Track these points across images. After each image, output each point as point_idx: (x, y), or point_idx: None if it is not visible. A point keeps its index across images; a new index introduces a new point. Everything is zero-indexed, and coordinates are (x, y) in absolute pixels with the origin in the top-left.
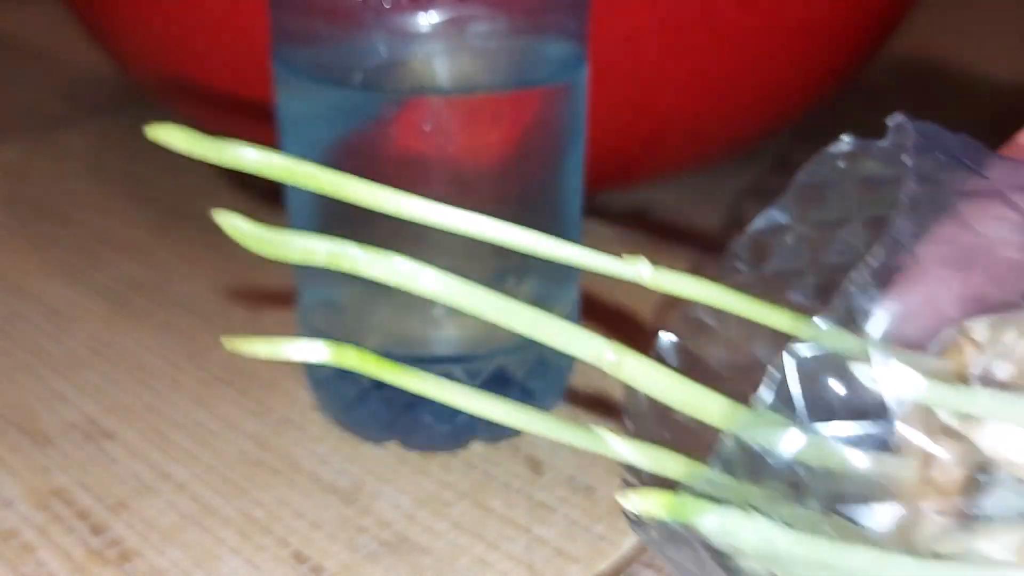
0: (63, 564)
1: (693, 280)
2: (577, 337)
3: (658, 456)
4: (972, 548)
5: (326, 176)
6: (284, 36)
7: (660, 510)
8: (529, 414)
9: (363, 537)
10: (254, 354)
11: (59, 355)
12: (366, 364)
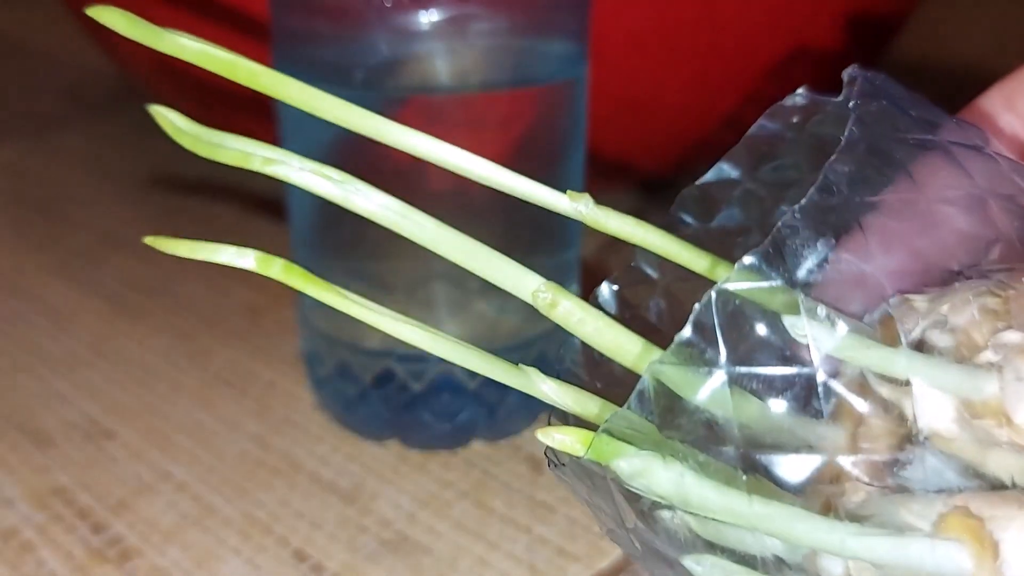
0: (64, 563)
1: (634, 222)
2: (512, 272)
3: (581, 397)
4: (889, 515)
5: (267, 76)
6: (285, 34)
7: (578, 448)
8: (455, 345)
9: (364, 537)
10: (177, 253)
11: (59, 355)
12: (291, 276)
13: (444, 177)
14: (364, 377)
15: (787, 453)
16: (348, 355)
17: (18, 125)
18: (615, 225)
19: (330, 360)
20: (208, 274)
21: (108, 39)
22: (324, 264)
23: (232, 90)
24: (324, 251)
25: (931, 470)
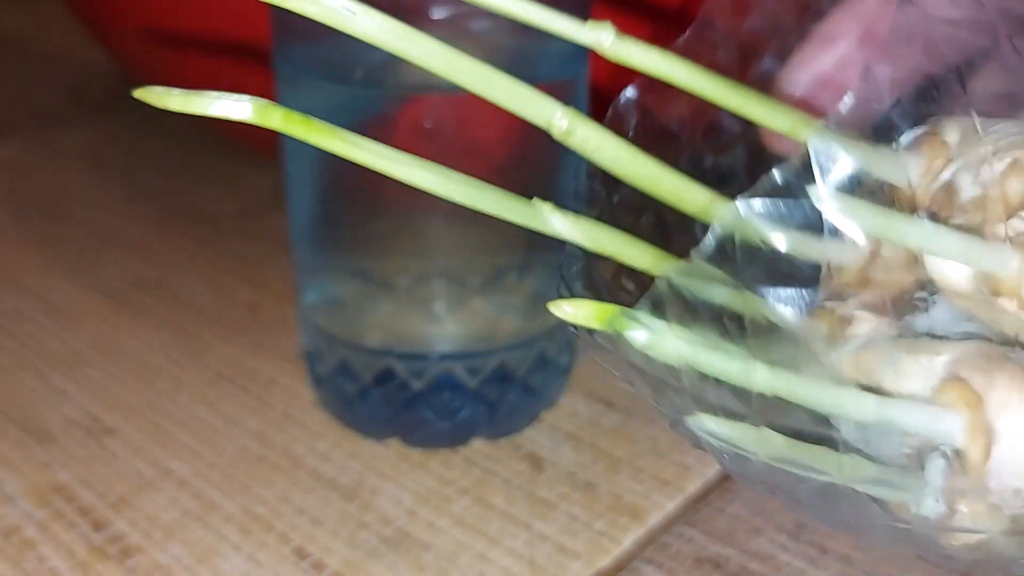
0: (65, 560)
1: (659, 54)
2: (528, 98)
3: (595, 233)
4: (891, 358)
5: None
6: (285, 32)
7: (591, 320)
8: (464, 182)
9: (365, 533)
10: (168, 107)
11: (60, 352)
12: (291, 124)
13: None
14: (365, 375)
15: (794, 285)
16: (349, 353)
17: (20, 123)
18: (639, 58)
19: (331, 358)
20: (209, 272)
21: (109, 39)
22: (324, 260)
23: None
24: (324, 248)
25: (939, 320)
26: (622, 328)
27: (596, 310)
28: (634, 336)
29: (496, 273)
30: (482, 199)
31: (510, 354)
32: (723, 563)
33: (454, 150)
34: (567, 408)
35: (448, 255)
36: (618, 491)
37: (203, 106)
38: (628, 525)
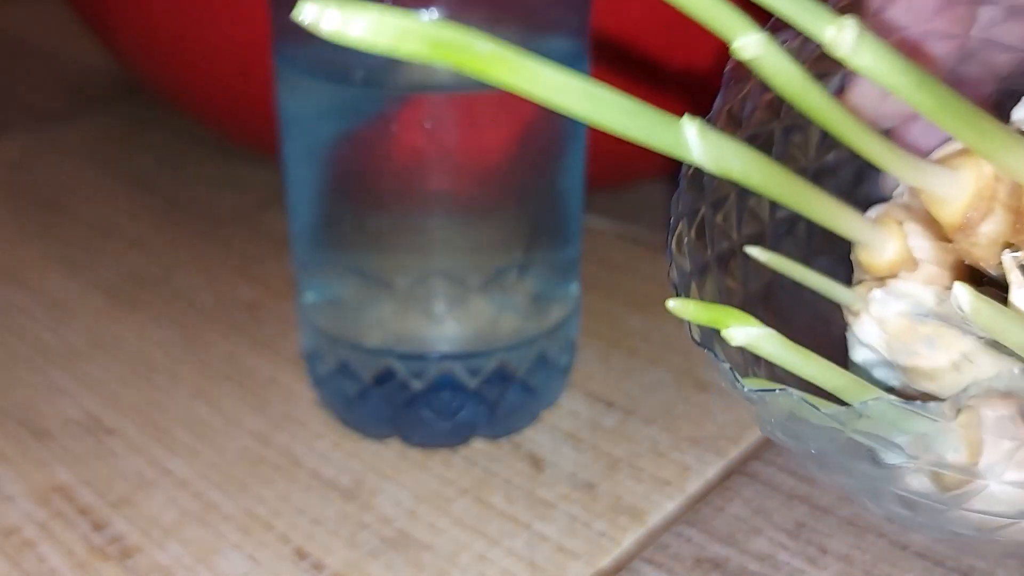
0: (64, 560)
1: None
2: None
3: (728, 150)
4: (929, 343)
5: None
6: (285, 33)
7: (695, 316)
8: (604, 91)
9: (364, 533)
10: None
11: (59, 348)
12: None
13: (443, 176)
14: (365, 375)
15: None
16: (348, 353)
17: (20, 120)
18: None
19: (331, 358)
20: (209, 269)
21: (108, 36)
22: (323, 259)
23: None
24: (324, 247)
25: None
26: (723, 325)
27: (704, 308)
28: (731, 334)
29: (496, 273)
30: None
31: (510, 354)
32: (723, 563)
33: (453, 150)
34: (567, 408)
35: (448, 255)
36: (618, 491)
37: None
38: (628, 525)
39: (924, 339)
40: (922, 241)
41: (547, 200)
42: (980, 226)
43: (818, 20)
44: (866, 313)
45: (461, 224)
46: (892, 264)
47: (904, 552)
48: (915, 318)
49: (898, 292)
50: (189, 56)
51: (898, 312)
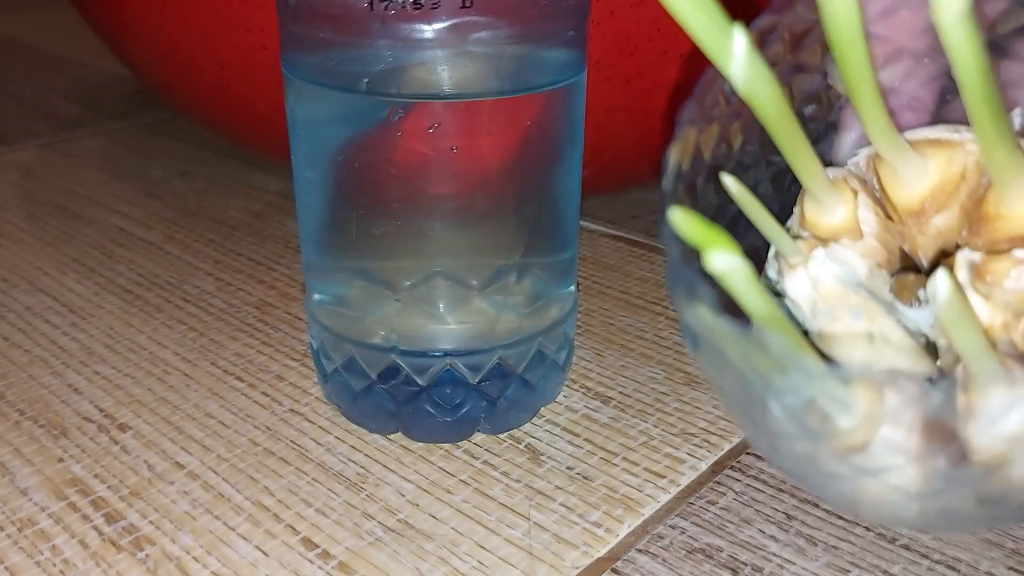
0: (78, 552)
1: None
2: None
3: (757, 73)
4: (854, 313)
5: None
6: (293, 42)
7: (693, 229)
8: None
9: (369, 524)
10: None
11: (74, 349)
12: None
13: (446, 181)
14: (370, 372)
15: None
16: (354, 351)
17: (35, 127)
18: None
19: (337, 355)
20: (219, 272)
21: (121, 46)
22: (331, 262)
23: (242, 96)
24: (331, 249)
25: (912, 317)
26: (710, 247)
27: (702, 224)
28: (715, 259)
29: (496, 274)
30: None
31: (509, 351)
32: (714, 553)
33: (455, 156)
34: (564, 403)
35: (450, 257)
36: (613, 484)
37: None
38: (623, 516)
39: (851, 307)
40: (871, 215)
41: (545, 204)
42: (933, 217)
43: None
44: (803, 268)
45: (462, 227)
46: (837, 229)
47: (891, 544)
48: (847, 285)
49: (839, 257)
50: (199, 65)
51: (834, 275)
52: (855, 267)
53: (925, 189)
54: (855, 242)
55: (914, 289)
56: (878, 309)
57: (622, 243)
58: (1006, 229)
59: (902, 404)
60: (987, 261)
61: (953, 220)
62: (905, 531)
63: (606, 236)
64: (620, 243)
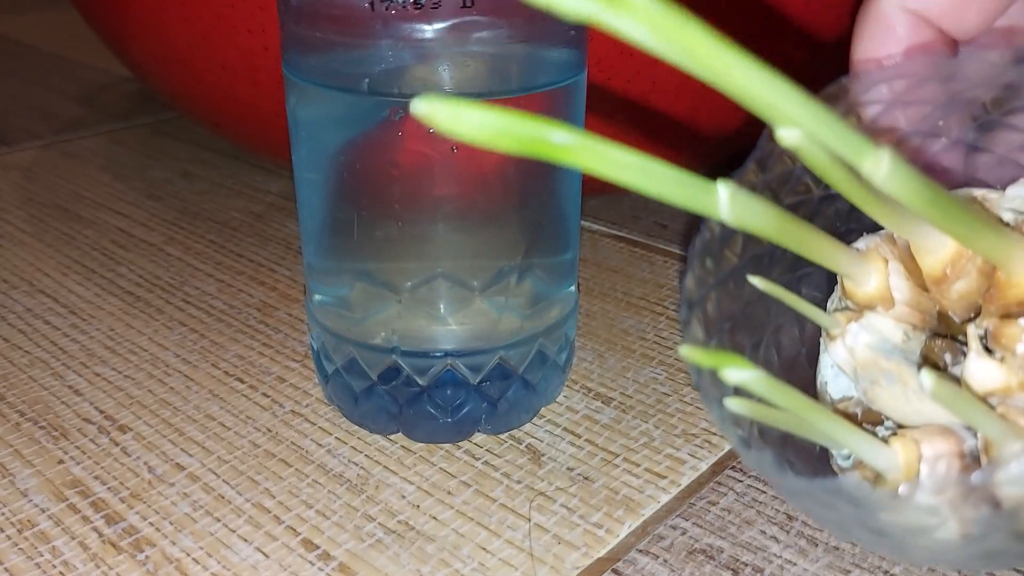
0: (78, 554)
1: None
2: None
3: (747, 208)
4: (889, 379)
5: None
6: (294, 43)
7: (703, 359)
8: (655, 165)
9: (370, 525)
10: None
11: (75, 351)
12: None
13: (447, 182)
14: (371, 373)
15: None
16: (355, 351)
17: (36, 128)
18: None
19: (338, 356)
20: (220, 273)
21: (123, 48)
22: (332, 263)
23: (244, 97)
24: (332, 251)
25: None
26: (722, 367)
27: (710, 353)
28: (728, 374)
29: (497, 275)
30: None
31: (510, 352)
32: (716, 554)
33: (457, 157)
34: (565, 404)
35: (451, 258)
36: (614, 485)
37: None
38: (624, 517)
39: (885, 372)
40: (902, 282)
41: (546, 205)
42: (954, 284)
43: (857, 151)
44: (841, 340)
45: (464, 228)
46: (872, 298)
47: None
48: (881, 352)
49: (871, 327)
50: (201, 66)
51: (867, 343)
52: (888, 334)
53: (945, 257)
54: (888, 310)
55: (940, 353)
56: (910, 372)
57: (624, 244)
58: (1018, 295)
59: (939, 457)
60: (1001, 326)
61: (972, 284)
62: None
63: (607, 237)
64: (622, 244)
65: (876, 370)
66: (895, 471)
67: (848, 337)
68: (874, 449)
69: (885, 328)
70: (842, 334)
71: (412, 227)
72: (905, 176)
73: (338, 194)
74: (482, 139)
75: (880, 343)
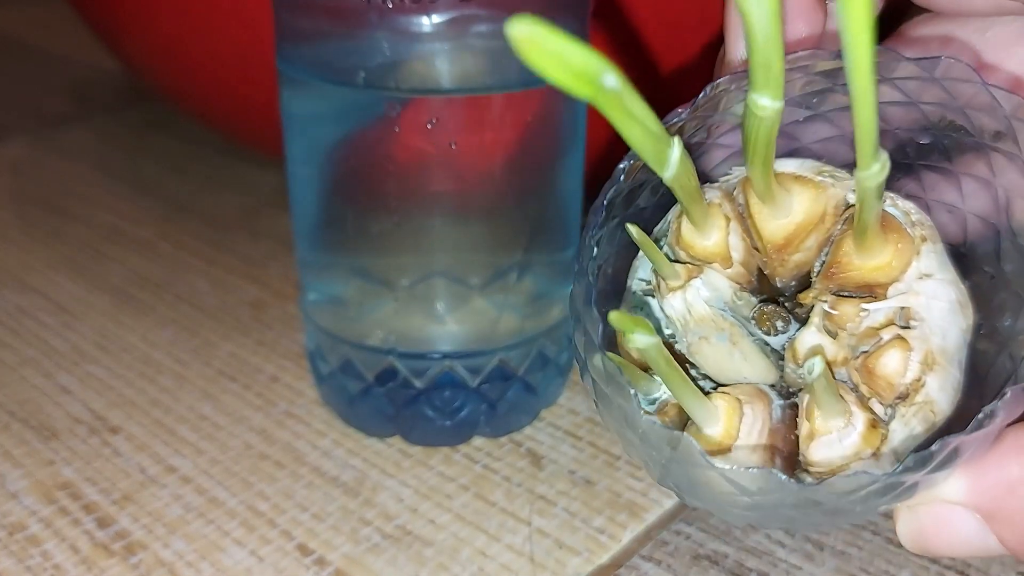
0: (69, 557)
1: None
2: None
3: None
4: (723, 336)
5: None
6: (288, 35)
7: (619, 321)
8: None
9: (367, 529)
10: None
11: (64, 350)
12: None
13: (445, 178)
14: (367, 374)
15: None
16: (351, 352)
17: (25, 123)
18: None
19: (333, 356)
20: (212, 270)
21: (114, 40)
22: (326, 260)
23: (235, 91)
24: (326, 247)
25: (776, 341)
26: (631, 330)
27: (627, 317)
28: (636, 338)
29: (496, 273)
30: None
31: (510, 353)
32: (720, 559)
33: (454, 152)
34: (566, 406)
35: (449, 255)
36: (617, 488)
37: None
38: (626, 522)
39: (718, 331)
40: (738, 242)
41: (547, 201)
42: (794, 254)
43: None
44: (681, 293)
45: (462, 225)
46: (712, 254)
47: (900, 549)
48: (717, 312)
49: (711, 284)
50: (193, 59)
51: (706, 300)
52: (723, 292)
53: (790, 227)
54: (725, 268)
55: (772, 319)
56: (740, 333)
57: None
58: (855, 278)
59: (755, 418)
60: (838, 304)
61: (810, 256)
62: None
63: None
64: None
65: (710, 327)
66: (716, 428)
67: (689, 292)
68: (703, 406)
69: (722, 287)
70: (683, 288)
71: (409, 223)
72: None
73: (333, 189)
74: (550, 70)
75: (716, 301)
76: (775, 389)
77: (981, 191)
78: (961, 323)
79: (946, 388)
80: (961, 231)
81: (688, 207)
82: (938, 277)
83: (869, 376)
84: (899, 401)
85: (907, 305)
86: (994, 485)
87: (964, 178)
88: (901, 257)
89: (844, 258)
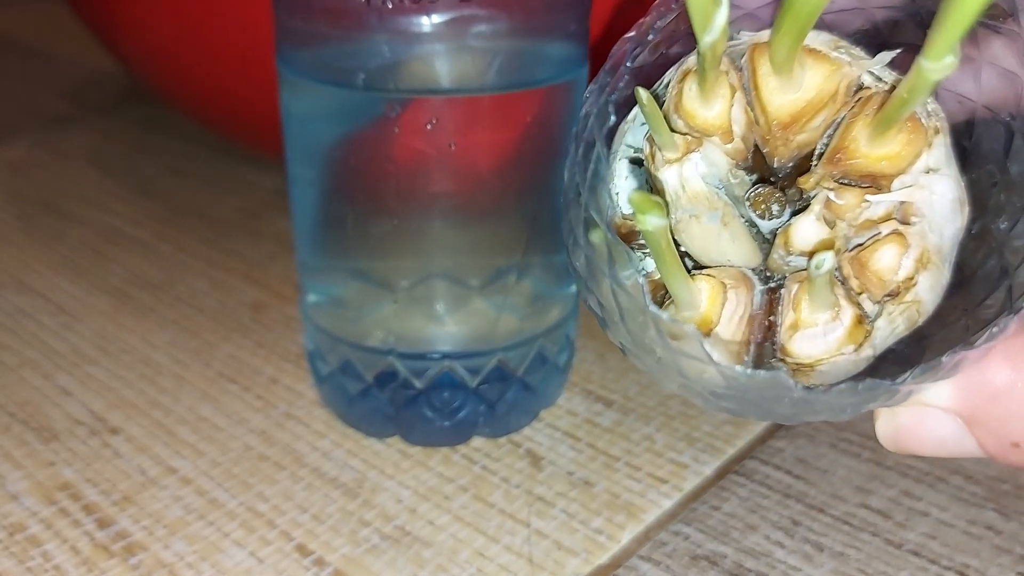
0: (70, 558)
1: None
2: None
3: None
4: (714, 216)
5: None
6: (288, 36)
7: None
8: None
9: (366, 530)
10: None
11: (64, 351)
12: None
13: (445, 179)
14: (366, 375)
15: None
16: (350, 353)
17: (25, 124)
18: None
19: (332, 358)
20: (212, 272)
21: (113, 41)
22: (326, 261)
23: (234, 92)
24: (327, 249)
25: (767, 226)
26: (647, 211)
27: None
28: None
29: (495, 274)
30: None
31: (509, 354)
32: (719, 560)
33: (454, 153)
34: (565, 407)
35: (448, 256)
36: (615, 489)
37: None
38: (625, 523)
39: (711, 210)
40: (741, 115)
41: (546, 202)
42: (799, 134)
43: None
44: (678, 166)
45: (462, 226)
46: (713, 127)
47: (899, 550)
48: (713, 190)
49: (710, 159)
50: (192, 60)
51: (703, 177)
52: (720, 169)
53: (799, 103)
54: (725, 143)
55: (768, 202)
56: (732, 213)
57: None
58: (860, 167)
59: (738, 303)
60: (842, 193)
61: (814, 137)
62: (912, 536)
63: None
64: None
65: (703, 205)
66: (695, 310)
67: (686, 166)
68: (688, 289)
69: (720, 163)
70: (680, 161)
71: (408, 224)
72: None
73: (333, 191)
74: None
75: (712, 178)
76: (755, 273)
77: (999, 82)
78: (957, 222)
79: (935, 288)
80: (968, 124)
81: (707, 72)
82: (943, 172)
83: (861, 270)
84: (888, 298)
85: (911, 199)
86: (979, 392)
87: (986, 67)
88: (912, 148)
89: (851, 144)
